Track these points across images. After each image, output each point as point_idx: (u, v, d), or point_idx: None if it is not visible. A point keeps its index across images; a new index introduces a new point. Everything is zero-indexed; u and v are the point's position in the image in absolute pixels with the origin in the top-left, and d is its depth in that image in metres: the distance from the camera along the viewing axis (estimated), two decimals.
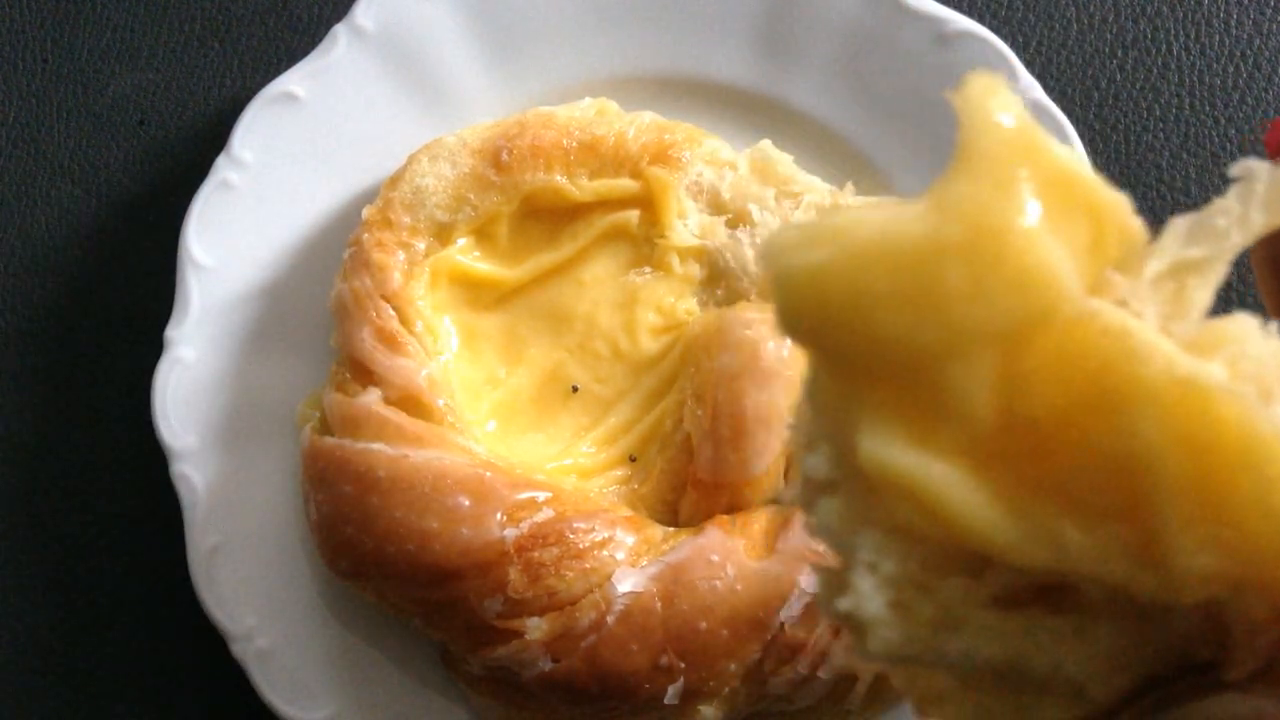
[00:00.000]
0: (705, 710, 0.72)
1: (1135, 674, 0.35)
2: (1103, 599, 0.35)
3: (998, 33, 0.86)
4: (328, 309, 0.78)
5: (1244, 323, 0.35)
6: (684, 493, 0.75)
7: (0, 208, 0.88)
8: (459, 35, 0.82)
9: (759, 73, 0.83)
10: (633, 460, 0.77)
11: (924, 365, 0.33)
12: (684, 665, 0.70)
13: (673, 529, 0.74)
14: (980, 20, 0.85)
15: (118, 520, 0.84)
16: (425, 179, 0.77)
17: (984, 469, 0.34)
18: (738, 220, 0.78)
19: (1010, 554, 0.34)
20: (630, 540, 0.72)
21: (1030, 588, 0.35)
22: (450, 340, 0.78)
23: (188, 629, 0.82)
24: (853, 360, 0.34)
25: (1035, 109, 0.78)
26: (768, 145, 0.79)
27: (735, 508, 0.74)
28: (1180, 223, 0.36)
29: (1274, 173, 0.35)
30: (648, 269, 0.78)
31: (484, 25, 0.83)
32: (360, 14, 0.81)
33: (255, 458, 0.79)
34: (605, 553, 0.71)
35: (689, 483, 0.75)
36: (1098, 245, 0.35)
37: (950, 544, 0.35)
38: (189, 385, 0.79)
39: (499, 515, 0.70)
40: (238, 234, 0.80)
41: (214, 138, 0.86)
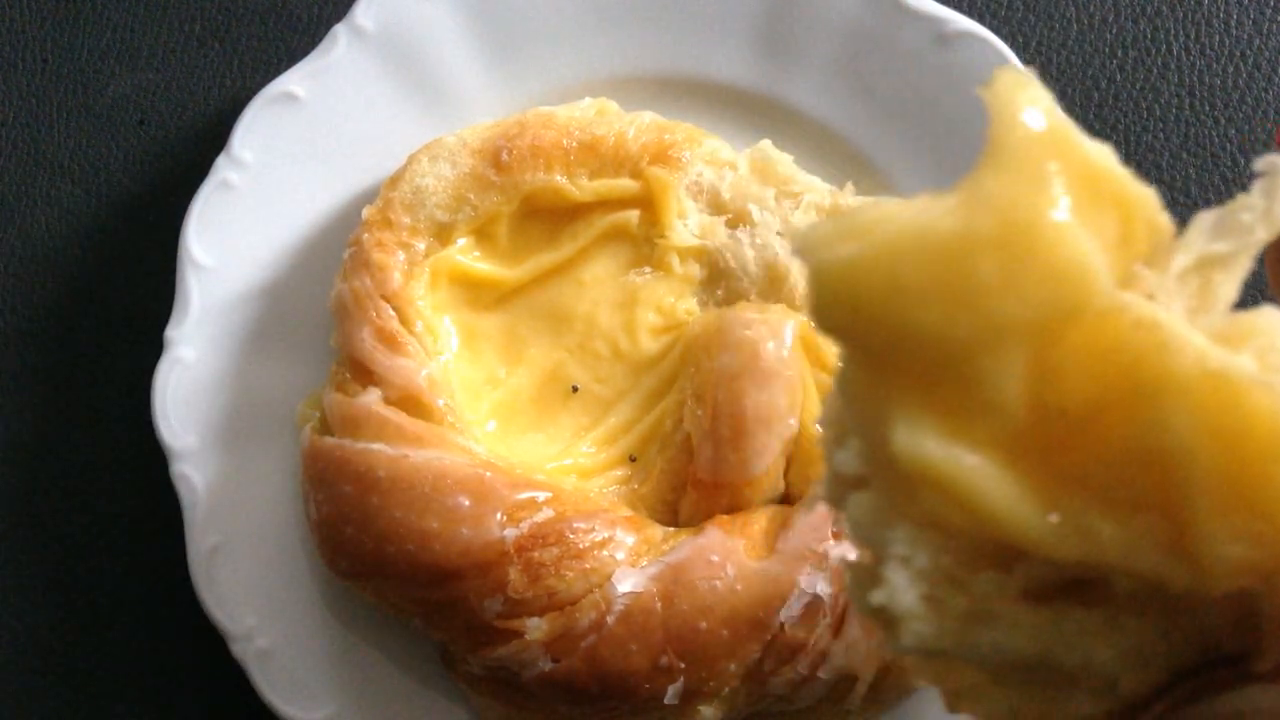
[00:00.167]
0: (705, 710, 0.72)
1: (1164, 667, 0.35)
2: (1132, 592, 0.35)
3: (998, 33, 0.86)
4: (328, 309, 0.78)
5: (1271, 315, 0.35)
6: (684, 493, 0.75)
7: (0, 208, 0.88)
8: (459, 35, 0.82)
9: (759, 73, 0.83)
10: (633, 460, 0.77)
11: (957, 358, 0.33)
12: (684, 665, 0.70)
13: (673, 529, 0.74)
14: (980, 20, 0.85)
15: (118, 520, 0.84)
16: (425, 179, 0.77)
17: (1016, 461, 0.34)
18: (738, 220, 0.78)
19: (1043, 546, 0.34)
20: (630, 540, 0.72)
21: (1061, 581, 0.36)
22: (450, 340, 0.78)
23: (188, 629, 0.82)
24: (886, 353, 0.34)
25: None
26: (768, 145, 0.79)
27: (735, 508, 0.74)
28: (1205, 217, 0.37)
29: None
30: (648, 269, 0.78)
31: (484, 25, 0.83)
32: (360, 14, 0.81)
33: (255, 458, 0.79)
34: (605, 553, 0.71)
35: (689, 483, 0.75)
36: (1126, 239, 0.35)
37: (982, 537, 0.35)
38: (189, 385, 0.79)
39: (499, 515, 0.70)
40: (238, 234, 0.80)
41: (214, 138, 0.86)
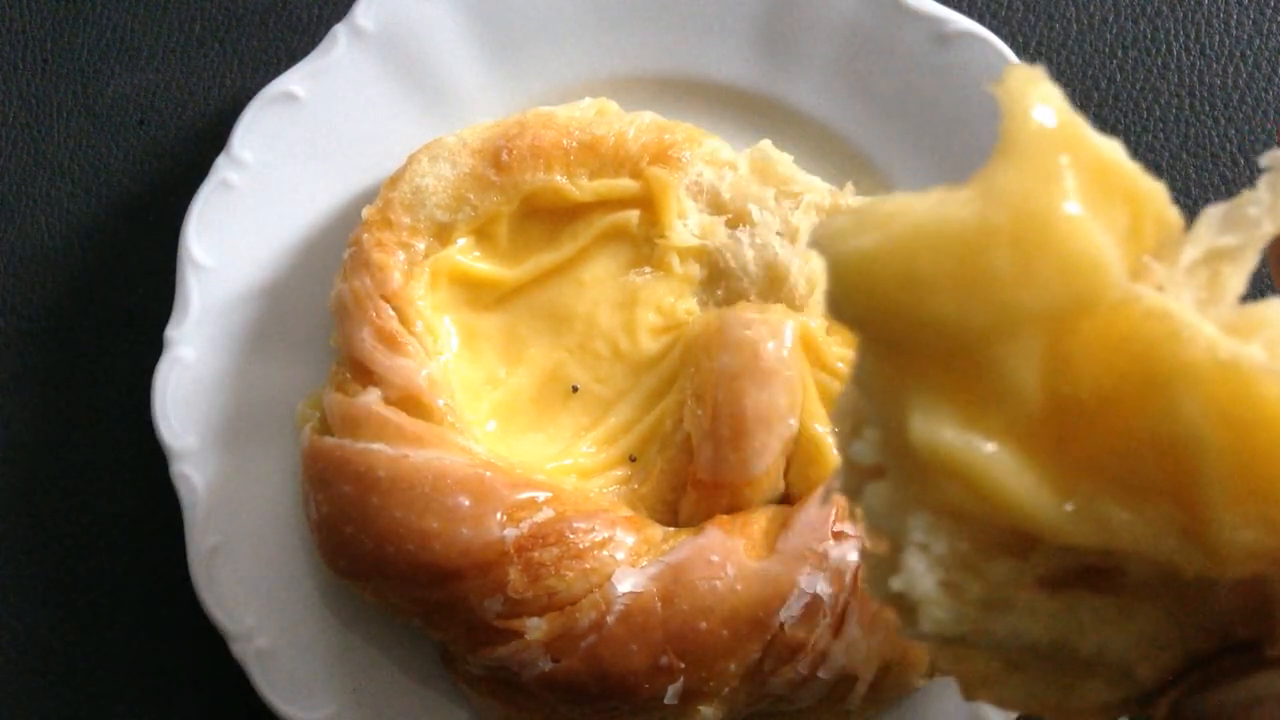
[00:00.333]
0: (705, 710, 0.72)
1: (1179, 653, 0.36)
2: (1146, 579, 0.36)
3: (998, 33, 0.86)
4: (328, 309, 0.78)
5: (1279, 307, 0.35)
6: (684, 493, 0.75)
7: (0, 208, 0.88)
8: (459, 35, 0.82)
9: (759, 73, 0.83)
10: (633, 460, 0.77)
11: (973, 347, 0.34)
12: (684, 665, 0.70)
13: (673, 529, 0.74)
14: (980, 20, 0.85)
15: (118, 520, 0.84)
16: (425, 179, 0.77)
17: (1032, 449, 0.35)
18: (738, 220, 0.78)
19: (1059, 533, 0.35)
20: (630, 540, 0.72)
21: (1076, 569, 0.36)
22: (450, 340, 0.78)
23: (188, 629, 0.82)
24: (902, 343, 0.35)
25: None
26: (768, 145, 0.79)
27: (735, 508, 0.74)
28: (1213, 211, 0.37)
29: None
30: (648, 269, 0.78)
31: (484, 25, 0.83)
32: (360, 14, 0.81)
33: (255, 458, 0.79)
34: (605, 553, 0.71)
35: (689, 483, 0.75)
36: (1136, 232, 0.36)
37: (998, 525, 0.35)
38: (189, 385, 0.79)
39: (499, 515, 0.70)
40: (238, 234, 0.80)
41: (214, 138, 0.87)
